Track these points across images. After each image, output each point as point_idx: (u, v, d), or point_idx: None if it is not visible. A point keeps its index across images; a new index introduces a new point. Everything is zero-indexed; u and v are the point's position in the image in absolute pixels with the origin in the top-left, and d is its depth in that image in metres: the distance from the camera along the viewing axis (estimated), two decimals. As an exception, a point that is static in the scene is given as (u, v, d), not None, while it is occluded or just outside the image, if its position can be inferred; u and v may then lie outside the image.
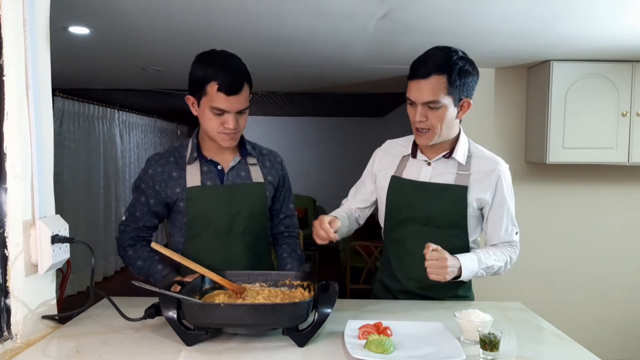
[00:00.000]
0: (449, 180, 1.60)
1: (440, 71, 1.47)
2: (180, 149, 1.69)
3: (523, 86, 3.49)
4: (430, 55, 1.51)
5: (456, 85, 1.49)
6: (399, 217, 1.66)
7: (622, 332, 3.56)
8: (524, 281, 3.49)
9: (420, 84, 1.49)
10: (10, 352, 1.24)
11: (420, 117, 1.51)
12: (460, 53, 1.52)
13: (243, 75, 1.53)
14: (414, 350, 1.22)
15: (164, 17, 2.31)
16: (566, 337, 1.37)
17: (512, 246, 1.65)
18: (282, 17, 2.30)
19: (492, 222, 1.64)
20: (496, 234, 1.64)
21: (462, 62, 1.49)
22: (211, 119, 1.54)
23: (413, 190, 1.63)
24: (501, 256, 1.60)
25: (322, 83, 4.27)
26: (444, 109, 1.50)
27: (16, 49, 1.28)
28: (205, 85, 1.50)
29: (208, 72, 1.50)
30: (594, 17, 2.22)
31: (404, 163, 1.68)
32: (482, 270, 1.55)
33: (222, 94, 1.49)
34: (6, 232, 1.28)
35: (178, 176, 1.64)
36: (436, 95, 1.48)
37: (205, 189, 1.62)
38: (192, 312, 1.23)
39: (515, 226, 1.66)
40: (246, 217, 1.65)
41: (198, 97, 1.55)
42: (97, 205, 5.71)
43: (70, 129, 5.18)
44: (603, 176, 3.51)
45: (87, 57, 3.24)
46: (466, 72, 1.50)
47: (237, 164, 1.68)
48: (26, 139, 1.32)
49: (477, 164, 1.62)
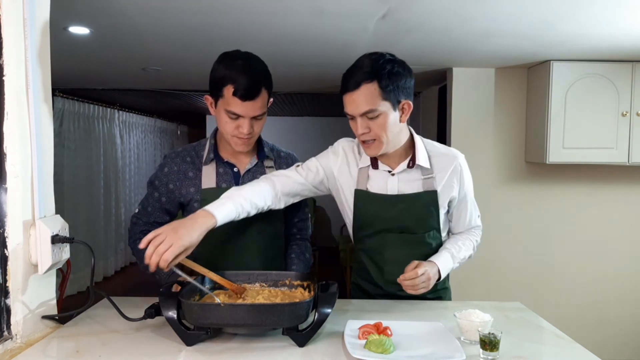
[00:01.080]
0: (417, 188, 1.58)
1: (369, 79, 1.41)
2: (198, 149, 1.68)
3: (523, 86, 3.49)
4: (358, 65, 1.46)
5: (389, 90, 1.43)
6: (372, 228, 1.63)
7: (623, 332, 3.56)
8: (524, 281, 3.49)
9: (353, 96, 1.44)
10: (10, 352, 1.23)
11: (362, 130, 1.47)
12: (388, 56, 1.47)
13: (261, 80, 1.49)
14: (414, 351, 1.21)
15: (164, 16, 2.31)
16: (566, 337, 1.36)
17: (475, 229, 1.71)
18: (282, 17, 2.30)
19: (457, 213, 1.67)
20: (462, 223, 1.69)
21: (390, 65, 1.43)
22: (226, 121, 1.52)
23: (384, 204, 1.59)
24: (469, 244, 1.66)
25: (322, 83, 4.26)
26: (384, 116, 1.45)
27: (16, 49, 1.28)
28: (222, 88, 1.48)
29: (226, 74, 1.47)
30: (594, 17, 2.22)
31: (364, 174, 1.61)
32: (456, 265, 1.62)
33: (237, 99, 1.47)
34: (6, 232, 1.28)
35: (193, 176, 1.64)
36: (371, 104, 1.43)
37: (220, 192, 1.57)
38: (192, 312, 1.23)
39: (476, 209, 1.70)
40: (261, 220, 1.62)
41: (215, 98, 1.53)
42: (97, 205, 5.71)
43: (70, 129, 5.19)
44: (603, 176, 3.51)
45: (87, 57, 3.24)
46: (397, 74, 1.44)
47: (253, 166, 1.67)
48: (26, 139, 1.31)
49: (438, 162, 1.60)
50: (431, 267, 1.52)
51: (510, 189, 3.53)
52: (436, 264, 1.54)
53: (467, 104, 3.49)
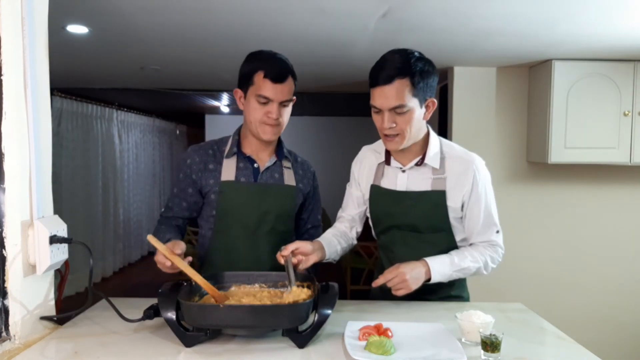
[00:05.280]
0: (426, 187, 1.59)
1: (402, 75, 1.45)
2: (220, 143, 1.74)
3: (524, 85, 3.48)
4: (389, 59, 1.49)
5: (420, 87, 1.48)
6: (384, 224, 1.67)
7: (624, 333, 3.55)
8: (526, 282, 3.48)
9: (384, 90, 1.47)
10: (8, 353, 1.23)
11: (389, 124, 1.49)
12: (417, 54, 1.51)
13: (289, 68, 1.63)
14: (415, 352, 1.21)
15: (163, 16, 2.30)
16: (568, 338, 1.36)
17: (492, 246, 1.63)
18: (281, 15, 2.29)
19: (469, 219, 1.62)
20: (473, 232, 1.62)
21: (422, 63, 1.48)
22: (256, 108, 1.60)
23: (392, 199, 1.63)
24: (478, 257, 1.59)
25: (322, 82, 4.26)
26: (411, 112, 1.49)
27: (14, 48, 1.27)
28: (253, 75, 1.59)
29: (256, 64, 1.60)
30: (595, 16, 2.22)
31: (380, 171, 1.67)
32: (457, 272, 1.56)
33: (268, 81, 1.57)
34: (4, 233, 1.27)
35: (213, 169, 1.68)
36: (402, 99, 1.46)
37: (239, 185, 1.67)
38: (191, 313, 1.22)
39: (495, 225, 1.63)
40: (274, 217, 1.70)
41: (245, 89, 1.63)
42: (96, 206, 5.69)
43: (68, 129, 5.17)
44: (605, 176, 3.50)
45: (85, 56, 3.23)
46: (427, 73, 1.49)
47: (272, 164, 1.72)
48: (24, 139, 1.31)
49: (452, 165, 1.60)
50: (416, 265, 1.50)
51: (511, 189, 3.52)
52: (427, 263, 1.52)
53: (468, 103, 3.48)
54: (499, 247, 1.65)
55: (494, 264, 1.63)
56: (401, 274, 1.48)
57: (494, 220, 1.63)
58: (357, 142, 8.84)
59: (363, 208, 1.76)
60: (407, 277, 1.48)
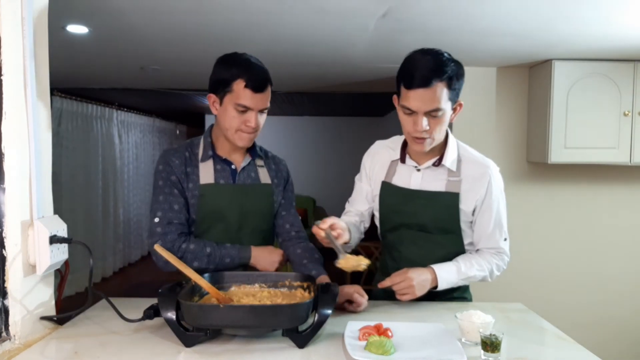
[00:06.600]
0: (440, 187, 1.58)
1: (440, 78, 1.43)
2: (192, 147, 1.71)
3: (524, 85, 3.48)
4: (422, 61, 1.45)
5: (454, 90, 1.47)
6: (392, 222, 1.66)
7: (625, 333, 3.55)
8: (526, 282, 3.48)
9: (422, 92, 1.43)
10: (8, 353, 1.23)
11: (424, 127, 1.46)
12: (447, 55, 1.49)
13: (268, 76, 1.60)
14: (415, 352, 1.21)
15: (163, 16, 2.30)
16: (568, 338, 1.36)
17: (499, 254, 1.62)
18: (281, 15, 2.29)
19: (478, 225, 1.61)
20: (482, 238, 1.61)
21: (456, 66, 1.47)
22: (234, 116, 1.57)
23: (403, 197, 1.61)
24: (485, 265, 1.59)
25: (322, 82, 4.26)
26: (444, 115, 1.48)
27: (14, 48, 1.27)
28: (232, 83, 1.55)
29: (234, 71, 1.55)
30: (595, 16, 2.22)
31: (393, 168, 1.66)
32: (463, 280, 1.57)
33: (248, 91, 1.54)
34: (4, 233, 1.27)
35: (191, 172, 1.66)
36: (439, 102, 1.44)
37: (220, 187, 1.65)
38: (191, 313, 1.22)
39: (504, 233, 1.62)
40: (256, 217, 1.70)
41: (222, 95, 1.58)
42: (96, 206, 5.69)
43: (68, 129, 5.17)
44: (605, 176, 3.50)
45: (85, 56, 3.23)
46: (460, 75, 1.48)
47: (247, 164, 1.72)
48: (24, 139, 1.31)
49: (468, 168, 1.59)
50: (423, 272, 1.52)
51: (511, 189, 3.51)
52: (435, 271, 1.53)
53: (468, 103, 3.45)
54: (505, 255, 1.64)
55: (499, 272, 1.63)
56: (409, 279, 1.48)
57: (503, 228, 1.63)
58: (357, 142, 8.93)
59: (372, 205, 1.75)
60: (414, 282, 1.48)
